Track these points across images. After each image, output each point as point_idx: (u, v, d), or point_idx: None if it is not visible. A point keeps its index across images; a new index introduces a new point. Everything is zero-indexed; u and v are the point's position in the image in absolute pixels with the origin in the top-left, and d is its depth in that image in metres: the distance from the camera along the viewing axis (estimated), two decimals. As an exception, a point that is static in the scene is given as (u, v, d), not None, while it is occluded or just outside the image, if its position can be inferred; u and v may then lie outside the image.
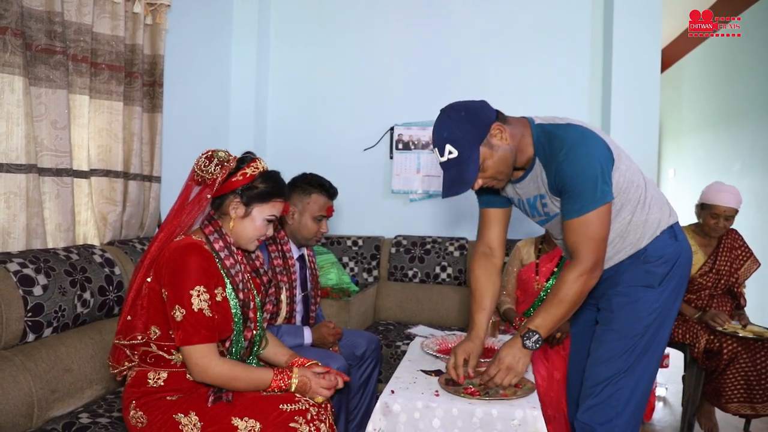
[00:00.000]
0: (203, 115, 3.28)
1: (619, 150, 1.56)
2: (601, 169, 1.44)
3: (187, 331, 1.46)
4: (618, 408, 1.58)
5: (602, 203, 1.44)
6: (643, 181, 1.61)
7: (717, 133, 5.24)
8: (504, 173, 1.54)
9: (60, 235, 2.03)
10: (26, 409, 1.56)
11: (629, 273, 1.62)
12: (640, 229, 1.59)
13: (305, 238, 2.27)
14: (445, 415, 1.50)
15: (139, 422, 1.53)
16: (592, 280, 1.51)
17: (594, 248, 1.47)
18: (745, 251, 2.82)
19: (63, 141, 2.02)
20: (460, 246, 3.32)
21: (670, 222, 1.63)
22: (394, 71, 3.62)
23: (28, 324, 1.64)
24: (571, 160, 1.44)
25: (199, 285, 1.48)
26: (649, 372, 1.61)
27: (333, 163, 3.61)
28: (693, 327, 2.70)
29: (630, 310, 1.59)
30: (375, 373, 2.38)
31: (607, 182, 1.45)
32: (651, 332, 1.59)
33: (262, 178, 1.64)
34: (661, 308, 1.59)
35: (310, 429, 1.48)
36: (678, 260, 1.61)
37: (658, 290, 1.59)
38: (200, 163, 1.59)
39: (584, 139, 1.47)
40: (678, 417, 3.00)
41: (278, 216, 1.70)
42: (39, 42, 1.92)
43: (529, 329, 1.53)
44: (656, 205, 1.61)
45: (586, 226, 1.46)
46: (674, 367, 3.59)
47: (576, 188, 1.45)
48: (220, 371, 1.50)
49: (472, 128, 1.46)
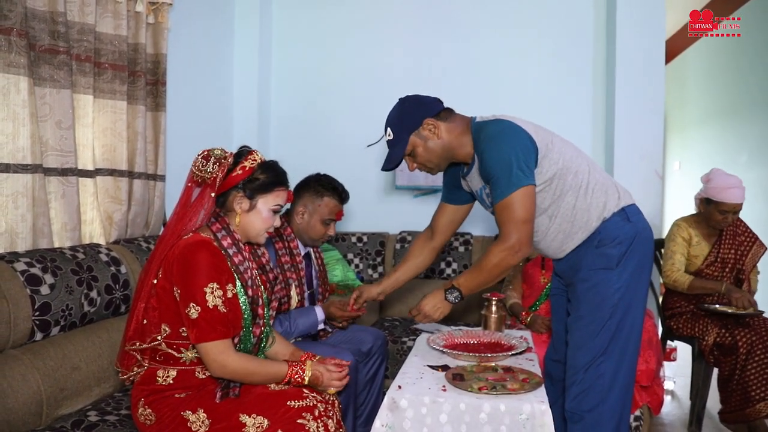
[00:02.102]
0: (207, 114, 3.28)
1: (551, 139, 1.66)
2: (516, 156, 1.56)
3: (203, 328, 1.46)
4: (603, 393, 1.64)
5: (517, 187, 1.55)
6: (586, 166, 1.69)
7: (723, 125, 5.21)
8: (434, 163, 1.74)
9: (66, 235, 2.04)
10: (35, 407, 1.57)
11: (587, 258, 1.68)
12: (586, 213, 1.67)
13: (311, 239, 2.28)
14: (453, 410, 1.50)
15: (148, 420, 1.53)
16: (514, 257, 1.60)
17: (516, 228, 1.57)
18: (749, 237, 2.78)
19: (68, 141, 2.02)
20: (464, 241, 3.31)
21: (620, 205, 1.68)
22: (398, 67, 3.61)
23: (36, 323, 1.65)
24: (490, 150, 1.59)
25: (211, 282, 1.48)
26: (629, 354, 1.67)
27: (337, 160, 3.60)
28: (702, 320, 2.68)
29: (593, 294, 1.67)
30: (381, 369, 2.38)
31: (522, 168, 1.56)
32: (619, 313, 1.64)
33: (262, 168, 1.64)
34: (624, 288, 1.64)
35: (318, 425, 1.49)
36: (634, 241, 1.65)
37: (617, 271, 1.64)
38: (198, 164, 1.59)
39: (503, 130, 1.61)
40: (686, 410, 2.99)
41: (283, 205, 1.70)
42: (43, 42, 1.93)
43: (453, 285, 1.72)
44: (601, 189, 1.68)
45: (507, 208, 1.57)
46: (681, 361, 3.58)
47: (495, 175, 1.58)
48: (237, 366, 1.50)
49: (408, 118, 1.70)
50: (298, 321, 2.13)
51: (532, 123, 1.68)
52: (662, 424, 2.84)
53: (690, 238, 2.79)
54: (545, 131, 1.69)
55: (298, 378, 1.58)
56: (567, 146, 1.70)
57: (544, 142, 1.64)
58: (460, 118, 1.75)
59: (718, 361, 2.60)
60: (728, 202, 2.63)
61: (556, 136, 1.71)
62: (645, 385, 2.32)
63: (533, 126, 1.67)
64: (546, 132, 1.69)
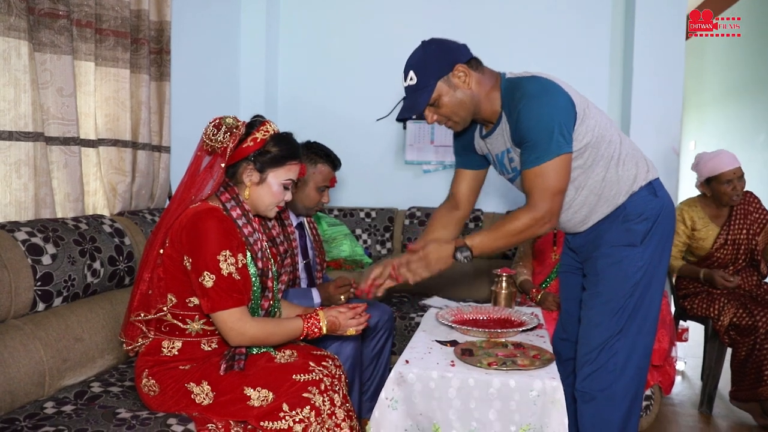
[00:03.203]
0: (212, 84, 3.22)
1: (587, 104, 1.54)
2: (559, 121, 1.43)
3: (220, 295, 1.43)
4: (616, 373, 1.57)
5: (556, 154, 1.43)
6: (618, 137, 1.60)
7: (740, 104, 5.08)
8: (459, 116, 1.57)
9: (69, 205, 2.00)
10: (38, 378, 1.55)
11: (610, 233, 1.60)
12: (615, 185, 1.57)
13: (306, 208, 2.23)
14: (462, 386, 1.46)
15: (152, 391, 1.51)
16: (541, 228, 1.49)
17: (548, 198, 1.46)
18: (763, 213, 2.70)
19: (69, 109, 1.97)
20: (474, 218, 3.26)
21: (648, 178, 1.60)
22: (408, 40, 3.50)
23: (38, 293, 1.62)
24: (529, 110, 1.44)
25: (224, 249, 1.44)
26: (644, 333, 1.60)
27: (345, 134, 3.55)
28: (718, 300, 2.62)
29: (615, 271, 1.58)
30: (388, 344, 2.35)
31: (564, 135, 1.44)
32: (639, 291, 1.57)
33: (274, 141, 1.59)
34: (647, 266, 1.57)
35: (324, 399, 1.46)
36: (659, 216, 1.58)
37: (640, 248, 1.56)
38: (209, 132, 1.54)
39: (545, 90, 1.46)
40: (697, 391, 2.95)
41: (295, 180, 1.65)
42: (42, 5, 1.87)
43: (466, 244, 1.54)
44: (631, 160, 1.59)
45: (542, 176, 1.45)
46: (693, 341, 3.54)
47: (533, 138, 1.44)
48: (255, 331, 1.48)
49: (436, 62, 1.52)
50: (294, 302, 2.08)
51: (566, 83, 1.54)
52: (672, 404, 2.80)
53: (693, 222, 2.71)
54: (580, 95, 1.56)
55: (315, 329, 1.56)
56: (600, 113, 1.59)
57: (581, 107, 1.51)
58: (490, 72, 1.59)
59: (734, 341, 2.55)
60: (725, 170, 2.60)
61: (589, 101, 1.59)
62: (657, 364, 2.28)
63: (570, 87, 1.53)
64: (581, 96, 1.56)
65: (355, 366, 2.03)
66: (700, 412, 2.70)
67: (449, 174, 3.46)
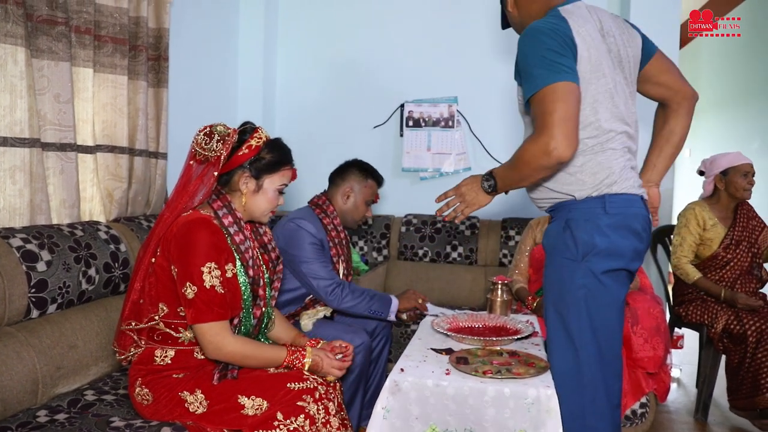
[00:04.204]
0: (210, 91, 3.23)
1: (602, 72, 1.42)
2: (543, 53, 1.35)
3: (200, 308, 1.43)
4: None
5: (551, 82, 1.32)
6: (611, 136, 1.44)
7: (735, 111, 5.11)
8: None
9: (65, 212, 2.00)
10: (31, 386, 1.54)
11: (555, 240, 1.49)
12: (569, 180, 1.44)
13: (354, 220, 2.38)
14: (456, 394, 1.46)
15: (145, 399, 1.51)
16: (545, 158, 1.33)
17: (546, 126, 1.31)
18: (759, 222, 2.79)
19: (67, 115, 1.97)
20: (471, 225, 3.26)
21: (608, 194, 1.43)
22: (404, 47, 3.54)
23: (32, 300, 1.61)
24: (520, 43, 1.41)
25: (210, 261, 1.44)
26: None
27: (343, 141, 3.56)
28: (712, 307, 2.64)
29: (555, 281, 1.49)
30: (386, 349, 2.37)
31: (554, 64, 1.33)
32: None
33: (268, 147, 1.60)
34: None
35: (318, 408, 1.46)
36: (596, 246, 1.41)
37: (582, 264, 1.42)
38: (200, 141, 1.53)
39: (536, 26, 1.40)
40: (692, 398, 2.95)
41: (288, 184, 1.66)
42: (40, 12, 1.87)
43: (491, 173, 1.51)
44: (603, 169, 1.43)
45: (537, 104, 1.34)
46: (688, 348, 3.54)
47: (524, 69, 1.39)
48: (233, 349, 1.47)
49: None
50: (374, 297, 2.21)
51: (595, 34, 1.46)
52: (668, 412, 2.80)
53: (704, 221, 2.75)
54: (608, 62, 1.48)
55: (298, 364, 1.56)
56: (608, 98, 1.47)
57: (588, 60, 1.43)
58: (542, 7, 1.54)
59: (727, 349, 2.56)
60: (744, 162, 2.72)
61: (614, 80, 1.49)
62: (652, 372, 2.28)
63: (594, 40, 1.45)
64: (604, 60, 1.47)
65: (361, 376, 2.04)
66: (695, 419, 2.70)
67: (445, 181, 3.48)
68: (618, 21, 1.55)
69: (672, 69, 1.63)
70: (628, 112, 1.48)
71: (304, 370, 1.55)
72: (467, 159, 3.46)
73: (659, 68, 1.61)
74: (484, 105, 3.42)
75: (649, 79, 1.62)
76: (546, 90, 1.33)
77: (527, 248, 2.67)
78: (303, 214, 2.26)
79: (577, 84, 1.35)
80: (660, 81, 1.62)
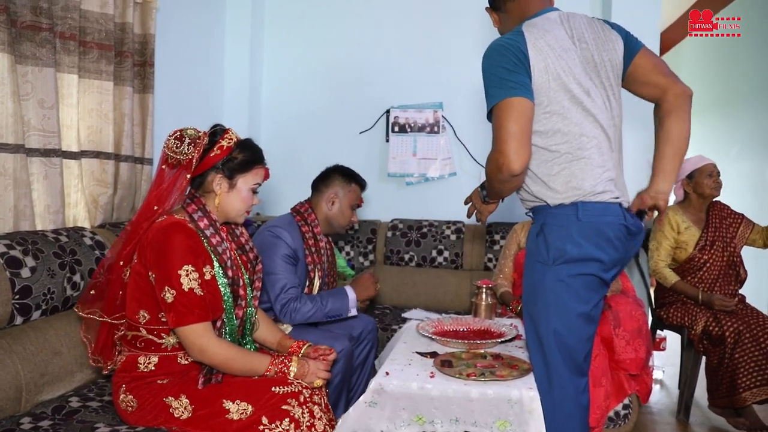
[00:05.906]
0: (196, 97, 3.23)
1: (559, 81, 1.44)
2: (496, 72, 1.42)
3: (180, 311, 1.44)
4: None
5: (502, 98, 1.38)
6: (584, 142, 1.45)
7: (715, 118, 5.20)
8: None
9: (49, 217, 1.99)
10: (14, 393, 1.53)
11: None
12: (542, 187, 1.48)
13: (340, 226, 2.37)
14: (441, 396, 1.48)
15: (129, 406, 1.51)
16: (500, 172, 1.38)
17: (498, 141, 1.37)
18: (735, 217, 2.84)
19: (51, 121, 1.97)
20: (456, 230, 3.29)
21: (576, 202, 1.44)
22: (390, 53, 3.57)
23: (16, 306, 1.61)
24: (483, 56, 1.48)
25: (186, 264, 1.45)
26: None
27: (329, 147, 3.57)
28: (691, 309, 2.69)
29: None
30: (372, 354, 2.37)
31: (508, 79, 1.39)
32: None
33: (240, 148, 1.62)
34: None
35: (303, 411, 1.47)
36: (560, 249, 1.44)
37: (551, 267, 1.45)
38: (171, 145, 1.54)
39: (492, 45, 1.48)
40: (675, 399, 3.00)
41: (261, 183, 1.68)
42: (24, 18, 1.87)
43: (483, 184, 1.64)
44: (576, 177, 1.44)
45: (495, 120, 1.41)
46: (670, 350, 3.59)
47: (485, 87, 1.46)
48: (217, 351, 1.48)
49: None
50: (328, 300, 2.16)
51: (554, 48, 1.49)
52: (651, 413, 2.84)
53: (678, 225, 2.80)
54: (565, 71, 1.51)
55: (285, 368, 1.56)
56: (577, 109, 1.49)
57: (544, 71, 1.47)
58: (521, 13, 1.59)
59: (707, 350, 2.61)
60: (707, 163, 2.81)
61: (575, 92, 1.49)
62: (634, 373, 2.31)
63: (552, 52, 1.47)
64: (560, 69, 1.50)
65: (343, 383, 2.05)
66: (677, 419, 2.74)
67: (431, 186, 3.51)
68: (595, 25, 1.55)
69: (659, 67, 1.59)
70: (605, 117, 1.49)
71: (288, 379, 1.56)
72: (452, 164, 3.49)
73: (645, 67, 1.58)
74: (468, 111, 3.45)
75: (637, 79, 1.61)
76: (497, 107, 1.40)
77: (512, 252, 2.70)
78: (281, 222, 2.24)
79: (528, 98, 1.40)
80: (648, 80, 1.60)
